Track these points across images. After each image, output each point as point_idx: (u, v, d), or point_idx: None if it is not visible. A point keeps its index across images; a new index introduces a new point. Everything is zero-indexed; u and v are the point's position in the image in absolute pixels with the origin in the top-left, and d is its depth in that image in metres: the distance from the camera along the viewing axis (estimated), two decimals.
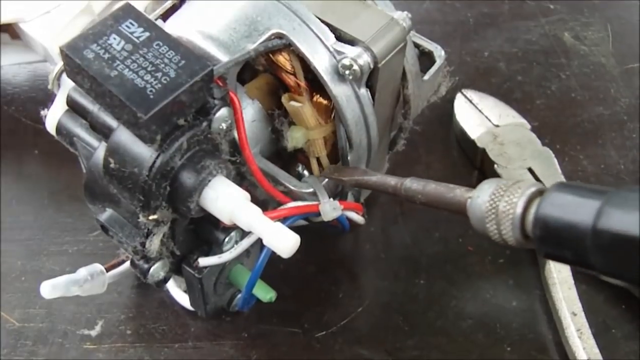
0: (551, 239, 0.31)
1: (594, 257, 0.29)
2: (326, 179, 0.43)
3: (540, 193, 0.33)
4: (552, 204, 0.31)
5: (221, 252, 0.41)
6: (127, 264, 0.43)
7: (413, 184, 0.39)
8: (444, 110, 0.58)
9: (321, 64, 0.40)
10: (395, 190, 0.40)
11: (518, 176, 0.53)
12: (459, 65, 0.61)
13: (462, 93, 0.58)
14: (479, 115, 0.57)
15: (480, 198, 0.34)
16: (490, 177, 0.54)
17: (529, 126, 0.56)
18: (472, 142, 0.55)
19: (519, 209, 0.32)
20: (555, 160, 0.54)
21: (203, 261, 0.41)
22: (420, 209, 0.53)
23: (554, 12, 0.67)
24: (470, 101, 0.58)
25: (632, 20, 0.66)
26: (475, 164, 0.56)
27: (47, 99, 0.43)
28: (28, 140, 0.57)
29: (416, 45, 0.47)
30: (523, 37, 0.65)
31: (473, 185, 0.55)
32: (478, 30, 0.66)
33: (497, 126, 0.56)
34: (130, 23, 0.35)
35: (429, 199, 0.38)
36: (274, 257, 0.39)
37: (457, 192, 0.37)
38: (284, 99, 0.42)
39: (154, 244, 0.39)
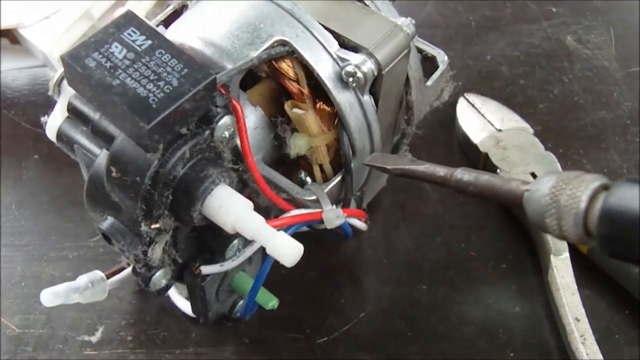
0: (618, 236, 0.30)
1: None
2: (329, 187, 0.43)
3: (605, 188, 0.32)
4: (620, 199, 0.29)
5: (223, 260, 0.41)
6: (128, 270, 0.43)
7: (464, 175, 0.37)
8: (446, 115, 0.58)
9: (324, 71, 0.40)
10: (445, 180, 0.38)
11: None
12: (461, 69, 0.61)
13: (464, 97, 0.58)
14: (481, 120, 0.57)
15: (540, 191, 0.32)
16: None
17: (531, 130, 0.56)
18: (474, 147, 0.55)
19: (582, 204, 0.30)
20: (558, 165, 0.54)
21: (205, 269, 0.41)
22: (423, 214, 0.54)
23: (556, 15, 0.67)
24: (473, 105, 0.57)
25: (635, 23, 0.66)
26: (478, 169, 0.56)
27: (47, 103, 0.43)
28: (28, 145, 0.57)
29: (419, 50, 0.47)
30: (525, 40, 0.65)
31: None
32: (480, 34, 0.66)
33: (500, 130, 0.56)
34: (132, 31, 0.35)
35: (482, 189, 0.36)
36: (275, 262, 0.39)
37: (513, 184, 0.35)
38: (287, 106, 0.41)
39: (156, 252, 0.39)
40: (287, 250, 0.36)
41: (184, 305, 0.47)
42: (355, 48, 0.40)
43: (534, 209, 0.32)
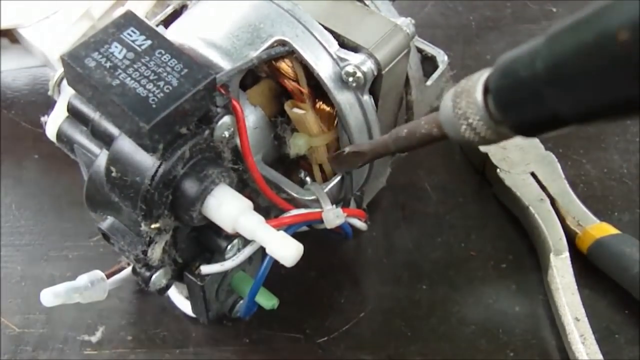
0: (507, 97, 0.29)
1: (549, 91, 0.27)
2: (329, 187, 0.43)
3: None
4: (497, 69, 0.29)
5: (223, 259, 0.41)
6: (128, 270, 0.43)
7: (397, 132, 0.37)
8: None
9: (324, 71, 0.40)
10: (387, 147, 0.38)
11: (521, 181, 0.53)
12: (461, 69, 0.61)
13: None
14: None
15: (447, 109, 0.32)
16: (494, 182, 0.54)
17: None
18: (474, 147, 0.55)
19: (478, 94, 0.30)
20: (558, 165, 0.54)
21: (205, 269, 0.41)
22: (423, 213, 0.54)
23: (556, 15, 0.67)
24: None
25: None
26: (478, 169, 0.56)
27: (47, 103, 0.43)
28: (28, 145, 0.57)
29: (419, 50, 0.47)
30: (525, 40, 0.65)
31: (476, 191, 0.55)
32: (480, 34, 0.66)
33: None
34: (132, 31, 0.35)
35: (411, 138, 0.36)
36: (275, 262, 0.39)
37: (431, 117, 0.35)
38: (287, 106, 0.41)
39: (156, 252, 0.39)
40: (287, 250, 0.36)
41: (184, 305, 0.47)
42: (355, 48, 0.40)
43: (449, 129, 0.32)
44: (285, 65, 0.40)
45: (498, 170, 0.53)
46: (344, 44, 0.41)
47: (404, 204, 0.54)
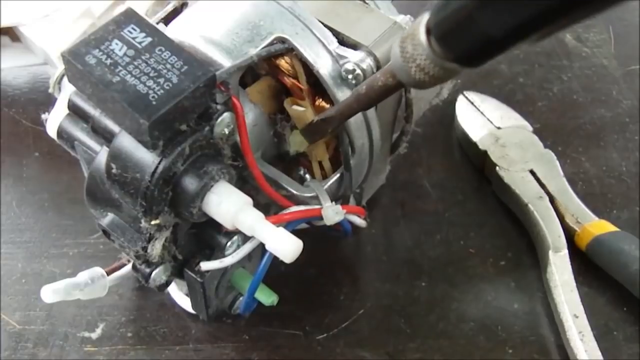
0: (445, 29, 0.30)
1: (478, 14, 0.27)
2: (328, 184, 0.43)
3: None
4: (433, 7, 0.30)
5: (223, 256, 0.41)
6: (128, 266, 0.43)
7: (357, 91, 0.37)
8: (445, 112, 0.58)
9: (324, 68, 0.40)
10: (350, 106, 0.38)
11: (520, 178, 0.53)
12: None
13: (463, 95, 0.58)
14: (480, 118, 0.57)
15: (395, 53, 0.33)
16: (493, 180, 0.54)
17: (530, 128, 0.56)
18: (473, 145, 0.55)
19: (421, 35, 0.31)
20: (557, 163, 0.54)
21: (205, 265, 0.41)
22: (422, 211, 0.54)
23: None
24: (472, 103, 0.58)
25: (634, 21, 0.66)
26: (477, 166, 0.56)
27: (48, 101, 0.43)
28: (28, 143, 0.57)
29: None
30: None
31: (476, 189, 0.55)
32: None
33: (499, 128, 0.56)
34: (133, 28, 0.35)
35: (369, 92, 0.36)
36: (275, 259, 0.39)
37: (386, 70, 0.35)
38: (287, 103, 0.41)
39: (156, 248, 0.39)
40: (287, 247, 0.36)
41: (184, 302, 0.47)
42: (354, 45, 0.40)
43: (402, 75, 0.33)
44: (284, 63, 0.41)
45: (497, 168, 0.54)
46: (343, 41, 0.41)
47: (404, 201, 0.55)
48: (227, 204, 0.37)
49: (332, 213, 0.42)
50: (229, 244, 0.41)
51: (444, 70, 0.31)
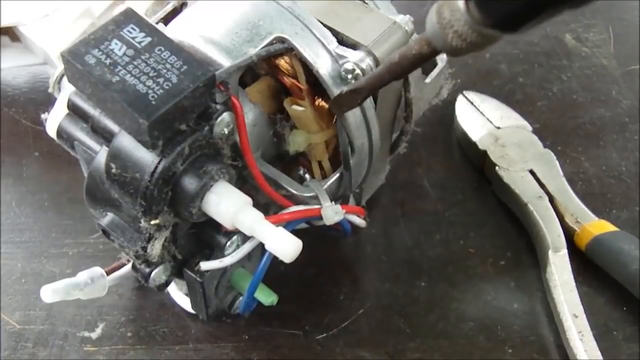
0: None
1: None
2: (327, 183, 0.43)
3: None
4: None
5: (223, 256, 0.41)
6: (128, 266, 0.43)
7: (389, 60, 0.36)
8: (445, 112, 0.58)
9: (323, 68, 0.40)
10: (382, 76, 0.37)
11: (520, 178, 0.53)
12: (460, 67, 0.61)
13: (463, 95, 0.58)
14: (480, 117, 0.57)
15: (431, 19, 0.32)
16: (492, 180, 0.54)
17: (530, 128, 0.56)
18: (473, 144, 0.55)
19: (459, 5, 0.30)
20: (557, 162, 0.54)
21: (205, 265, 0.41)
22: (422, 211, 0.54)
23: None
24: (472, 103, 0.58)
25: (634, 21, 0.66)
26: (476, 166, 0.56)
27: (48, 100, 0.43)
28: (28, 142, 0.57)
29: None
30: (524, 38, 0.65)
31: (475, 189, 0.55)
32: None
33: (499, 128, 0.56)
34: (132, 28, 0.35)
35: (402, 61, 0.35)
36: (274, 259, 0.39)
37: (417, 37, 0.35)
38: (286, 103, 0.41)
39: (155, 248, 0.39)
40: (286, 246, 0.36)
41: (184, 302, 0.47)
42: (354, 45, 0.40)
43: (437, 41, 0.32)
44: (284, 63, 0.41)
45: (497, 167, 0.54)
46: (342, 41, 0.41)
47: (403, 201, 0.55)
48: (226, 203, 0.37)
49: (331, 213, 0.42)
50: (228, 243, 0.41)
51: (482, 37, 0.30)
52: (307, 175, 0.44)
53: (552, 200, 0.52)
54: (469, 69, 0.63)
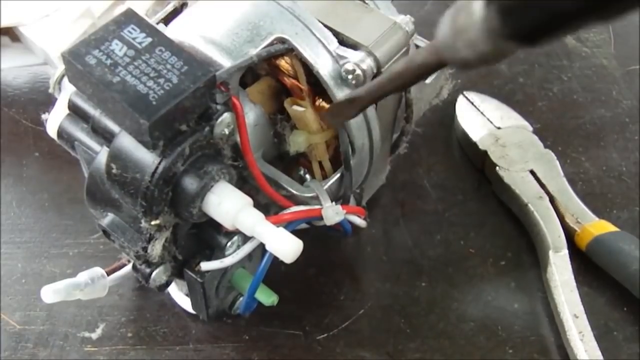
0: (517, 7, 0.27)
1: None
2: (328, 184, 0.43)
3: None
4: None
5: (223, 256, 0.41)
6: (128, 267, 0.43)
7: (392, 69, 0.35)
8: (445, 112, 0.58)
9: (324, 68, 0.40)
10: (383, 86, 0.35)
11: (520, 178, 0.53)
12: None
13: (463, 95, 0.58)
14: (480, 118, 0.57)
15: (443, 24, 0.30)
16: (493, 180, 0.54)
17: (530, 128, 0.56)
18: (474, 145, 0.55)
19: (477, 6, 0.28)
20: (557, 163, 0.54)
21: (205, 265, 0.41)
22: (422, 211, 0.54)
23: None
24: (472, 103, 0.58)
25: (634, 21, 0.66)
26: (477, 167, 0.56)
27: (48, 101, 0.43)
28: (29, 143, 0.57)
29: (418, 48, 0.47)
30: None
31: (476, 189, 0.55)
32: None
33: (499, 128, 0.56)
34: (133, 28, 0.35)
35: (406, 71, 0.34)
36: (275, 259, 0.39)
37: (424, 46, 0.34)
38: (287, 103, 0.41)
39: (156, 248, 0.39)
40: (287, 247, 0.36)
41: (184, 302, 0.47)
42: (354, 46, 0.40)
43: (446, 50, 0.30)
44: (284, 63, 0.41)
45: (497, 168, 0.54)
46: (343, 41, 0.41)
47: (404, 201, 0.55)
48: (227, 204, 0.37)
49: (332, 213, 0.42)
50: (229, 244, 0.41)
51: (495, 49, 0.28)
52: (307, 176, 0.44)
53: (552, 200, 0.52)
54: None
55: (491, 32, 0.28)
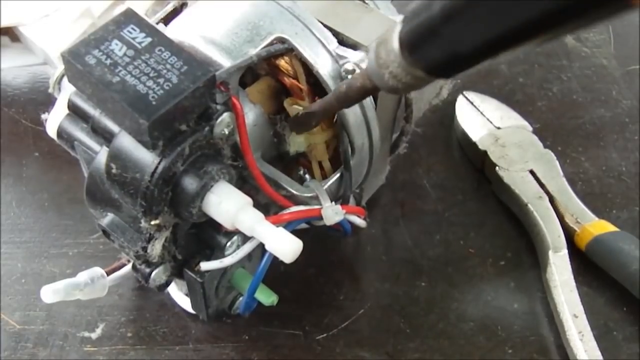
0: (413, 40, 0.30)
1: (445, 30, 0.27)
2: (328, 184, 0.43)
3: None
4: (405, 16, 0.30)
5: (223, 256, 0.41)
6: (128, 267, 0.43)
7: (338, 89, 0.38)
8: (445, 112, 0.58)
9: (324, 68, 0.40)
10: (332, 103, 0.38)
11: (520, 178, 0.53)
12: None
13: (463, 95, 0.58)
14: (480, 118, 0.57)
15: (370, 58, 0.33)
16: (492, 180, 0.54)
17: (530, 128, 0.56)
18: (473, 144, 0.55)
19: (394, 42, 0.31)
20: (557, 163, 0.54)
21: (205, 265, 0.41)
22: (422, 211, 0.54)
23: None
24: (472, 103, 0.58)
25: (634, 22, 0.66)
26: (476, 166, 0.56)
27: (48, 101, 0.43)
28: (28, 143, 0.57)
29: None
30: None
31: (476, 189, 0.55)
32: None
33: (499, 128, 0.56)
34: (132, 28, 0.35)
35: (348, 91, 0.36)
36: (275, 259, 0.39)
37: (361, 71, 0.36)
38: (286, 103, 0.41)
39: (155, 248, 0.39)
40: (287, 247, 0.36)
41: (184, 302, 0.47)
42: (354, 46, 0.41)
43: (376, 79, 0.33)
44: (284, 63, 0.41)
45: (497, 168, 0.54)
46: (343, 41, 0.41)
47: (403, 201, 0.55)
48: (227, 204, 0.37)
49: (331, 213, 0.42)
50: (228, 244, 0.41)
51: (416, 79, 0.31)
52: (307, 176, 0.44)
53: (552, 200, 0.52)
54: None
55: (407, 66, 0.30)
